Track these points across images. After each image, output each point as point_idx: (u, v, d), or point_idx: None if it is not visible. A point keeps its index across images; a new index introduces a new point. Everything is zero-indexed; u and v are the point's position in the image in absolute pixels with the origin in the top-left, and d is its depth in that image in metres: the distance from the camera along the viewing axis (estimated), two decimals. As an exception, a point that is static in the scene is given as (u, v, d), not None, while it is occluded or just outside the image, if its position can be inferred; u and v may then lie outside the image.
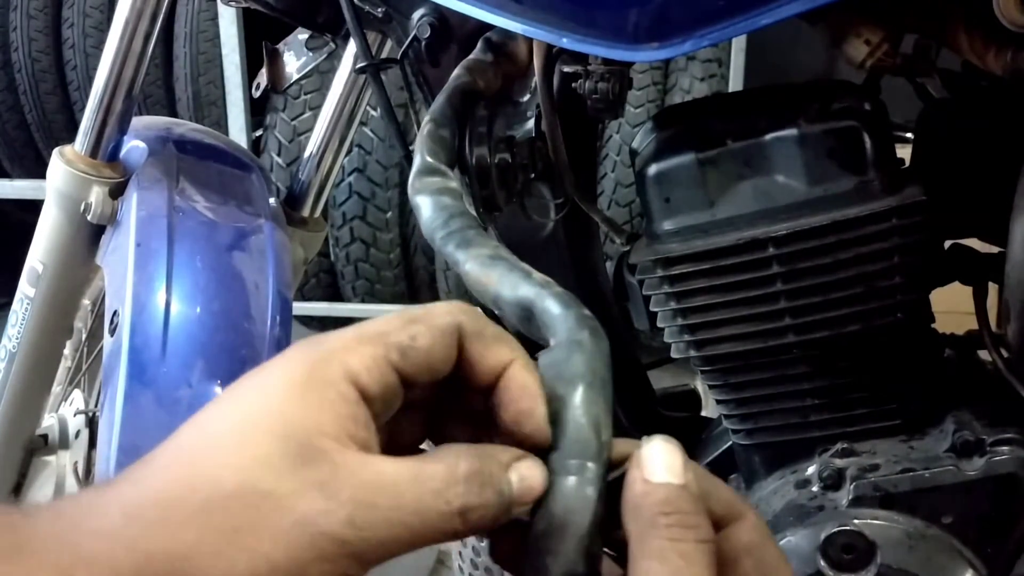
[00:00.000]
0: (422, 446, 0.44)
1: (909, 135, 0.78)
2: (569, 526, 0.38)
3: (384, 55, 0.94)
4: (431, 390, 0.42)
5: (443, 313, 0.40)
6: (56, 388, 1.22)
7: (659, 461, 0.39)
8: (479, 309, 0.42)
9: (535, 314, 0.46)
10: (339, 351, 0.38)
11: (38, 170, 2.63)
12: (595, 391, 0.40)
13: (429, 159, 0.64)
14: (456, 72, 0.73)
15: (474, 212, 0.74)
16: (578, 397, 0.40)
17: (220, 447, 0.36)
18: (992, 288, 0.73)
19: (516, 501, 0.38)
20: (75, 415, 1.15)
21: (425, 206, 0.59)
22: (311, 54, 1.01)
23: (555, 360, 0.42)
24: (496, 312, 0.50)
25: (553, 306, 0.45)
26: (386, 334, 0.39)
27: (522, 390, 0.40)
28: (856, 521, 0.70)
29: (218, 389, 0.83)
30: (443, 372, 0.40)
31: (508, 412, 0.40)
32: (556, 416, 0.40)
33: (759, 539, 0.39)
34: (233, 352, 0.85)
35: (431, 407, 0.43)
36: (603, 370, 0.42)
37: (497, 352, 0.41)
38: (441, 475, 0.37)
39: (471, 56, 0.75)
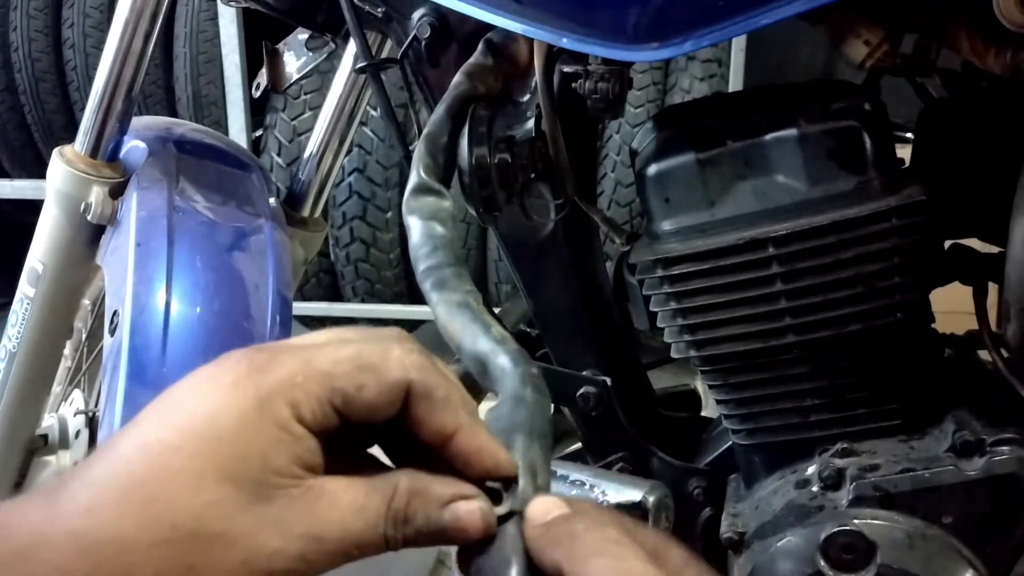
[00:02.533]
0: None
1: (909, 135, 0.78)
2: (502, 567, 0.40)
3: (384, 55, 0.94)
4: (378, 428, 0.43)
5: (396, 367, 0.41)
6: (56, 388, 1.22)
7: (541, 505, 0.41)
8: (435, 362, 0.43)
9: (488, 368, 0.49)
10: (286, 388, 0.39)
11: (38, 170, 2.64)
12: (532, 439, 0.44)
13: (424, 176, 0.65)
14: (456, 79, 0.73)
15: (474, 212, 0.74)
16: (516, 446, 0.43)
17: (175, 488, 0.37)
18: (992, 288, 0.73)
19: (450, 536, 0.40)
20: (75, 415, 1.15)
21: (415, 229, 0.61)
22: (311, 54, 1.01)
23: (498, 415, 0.45)
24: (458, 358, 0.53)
25: (504, 363, 0.48)
26: (334, 377, 0.40)
27: (478, 455, 0.42)
28: (856, 521, 0.70)
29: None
30: (384, 418, 0.41)
31: (474, 471, 0.42)
32: None
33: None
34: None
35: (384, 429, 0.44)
36: (542, 423, 0.45)
37: (442, 418, 0.41)
38: (379, 509, 0.40)
39: (471, 60, 0.75)
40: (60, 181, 0.97)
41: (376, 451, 0.44)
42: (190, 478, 0.37)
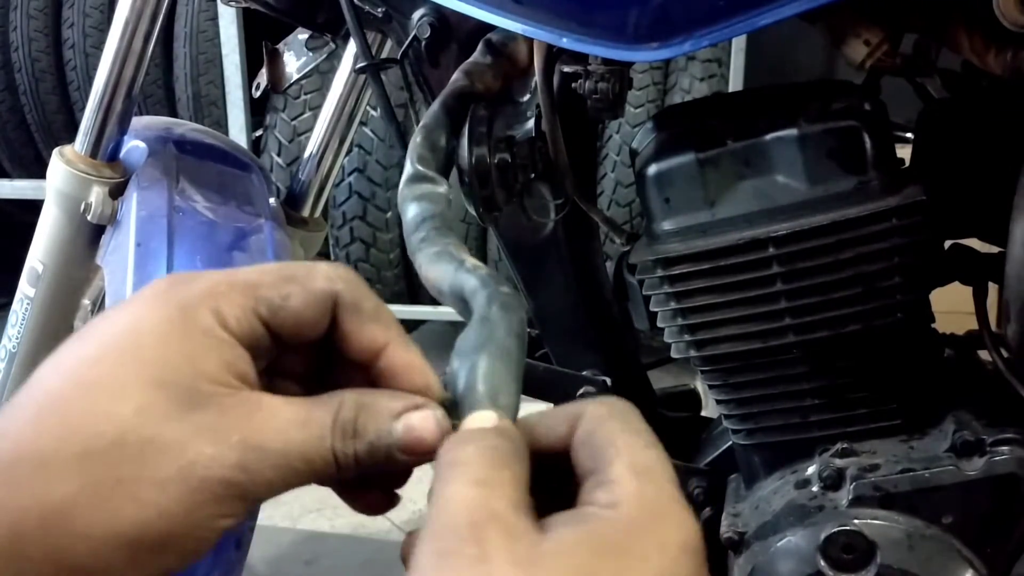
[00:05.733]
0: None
1: (909, 135, 0.78)
2: None
3: (384, 55, 0.94)
4: (306, 357, 0.41)
5: (322, 278, 0.39)
6: (56, 388, 1.22)
7: (472, 422, 0.38)
8: (364, 282, 0.41)
9: (465, 298, 0.47)
10: (208, 295, 0.37)
11: (38, 170, 2.64)
12: (493, 359, 0.40)
13: (419, 167, 0.64)
14: (455, 76, 0.73)
15: (474, 212, 0.74)
16: (478, 368, 0.40)
17: (95, 397, 0.35)
18: (992, 288, 0.73)
19: (404, 450, 0.38)
20: (75, 415, 1.15)
21: (410, 212, 0.60)
22: (311, 54, 1.01)
23: (464, 338, 0.42)
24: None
25: (474, 287, 0.46)
26: (258, 286, 0.38)
27: (408, 369, 0.40)
28: (856, 521, 0.70)
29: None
30: (313, 336, 0.40)
31: (406, 390, 0.40)
32: (455, 390, 0.40)
33: (592, 426, 0.38)
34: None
35: (311, 376, 0.42)
36: (507, 340, 0.42)
37: (371, 331, 0.40)
38: (324, 421, 0.37)
39: (470, 59, 0.75)
40: (60, 181, 0.97)
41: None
42: (113, 386, 0.35)
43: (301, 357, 0.41)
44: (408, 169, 0.64)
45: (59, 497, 0.34)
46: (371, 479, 0.41)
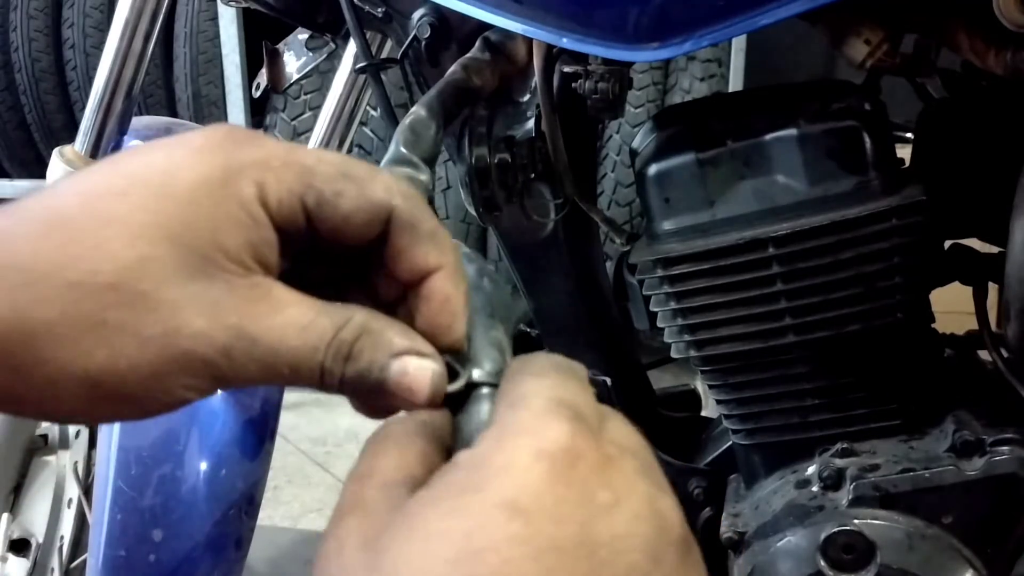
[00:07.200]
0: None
1: (909, 135, 0.78)
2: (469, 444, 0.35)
3: (384, 55, 0.94)
4: (345, 262, 0.38)
5: (382, 188, 0.36)
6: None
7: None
8: (422, 198, 0.38)
9: None
10: (259, 165, 0.35)
11: (38, 170, 2.64)
12: (494, 321, 0.39)
13: (403, 150, 0.62)
14: (452, 69, 0.73)
15: (474, 212, 0.74)
16: (477, 325, 0.39)
17: (107, 235, 0.33)
18: (992, 288, 0.73)
19: (391, 391, 0.35)
20: (75, 415, 1.15)
21: None
22: (311, 54, 1.00)
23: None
24: None
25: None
26: (314, 173, 0.36)
27: (443, 304, 0.37)
28: (856, 521, 0.70)
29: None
30: (353, 244, 0.37)
31: (424, 321, 0.37)
32: (471, 348, 0.39)
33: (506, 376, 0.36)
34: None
35: (345, 281, 0.40)
36: (503, 310, 0.41)
37: (424, 253, 0.37)
38: (324, 334, 0.35)
39: (468, 54, 0.75)
40: (60, 181, 0.97)
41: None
42: (126, 228, 0.33)
43: (336, 263, 0.38)
44: (392, 150, 0.63)
45: (37, 319, 0.32)
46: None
